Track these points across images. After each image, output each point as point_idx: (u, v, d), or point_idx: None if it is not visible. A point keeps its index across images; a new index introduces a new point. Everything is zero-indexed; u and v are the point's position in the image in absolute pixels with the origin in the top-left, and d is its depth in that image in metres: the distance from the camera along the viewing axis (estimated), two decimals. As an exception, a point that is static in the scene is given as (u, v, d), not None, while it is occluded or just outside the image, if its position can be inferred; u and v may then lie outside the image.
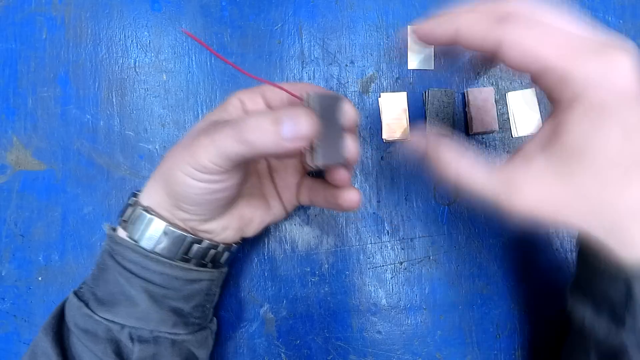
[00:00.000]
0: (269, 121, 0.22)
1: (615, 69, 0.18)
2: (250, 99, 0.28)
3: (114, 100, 0.37)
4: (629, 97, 0.18)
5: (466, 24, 0.21)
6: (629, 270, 0.21)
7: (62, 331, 0.28)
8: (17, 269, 0.36)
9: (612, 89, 0.18)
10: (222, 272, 0.31)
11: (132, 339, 0.27)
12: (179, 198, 0.26)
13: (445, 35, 0.22)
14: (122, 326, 0.27)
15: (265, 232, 0.34)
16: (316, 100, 0.23)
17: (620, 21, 0.37)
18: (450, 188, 0.23)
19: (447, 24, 0.22)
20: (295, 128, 0.22)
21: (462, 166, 0.23)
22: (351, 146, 0.25)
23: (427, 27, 0.23)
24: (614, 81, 0.18)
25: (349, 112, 0.25)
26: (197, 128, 0.27)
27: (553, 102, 0.20)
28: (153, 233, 0.27)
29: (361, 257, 0.36)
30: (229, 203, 0.28)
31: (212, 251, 0.29)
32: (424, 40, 0.24)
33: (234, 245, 0.30)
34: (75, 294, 0.29)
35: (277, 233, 0.36)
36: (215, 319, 0.33)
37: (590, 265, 0.25)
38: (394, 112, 0.36)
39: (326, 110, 0.24)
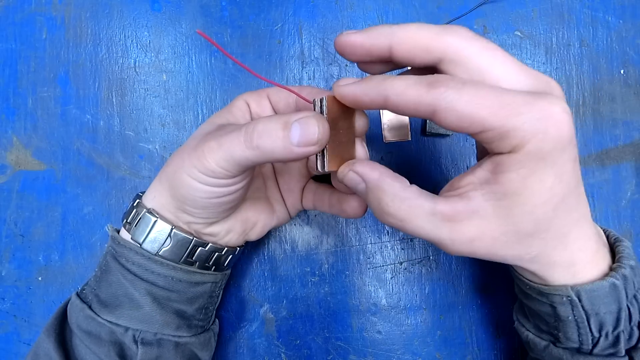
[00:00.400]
0: (278, 126, 0.22)
1: (549, 117, 0.19)
2: (256, 102, 0.28)
3: (114, 100, 0.37)
4: (563, 141, 0.19)
5: (396, 92, 0.20)
6: (550, 293, 0.23)
7: (65, 333, 0.28)
8: (17, 269, 0.36)
9: (546, 137, 0.19)
10: (225, 275, 0.31)
11: (135, 341, 0.27)
12: (184, 201, 0.25)
13: (375, 103, 0.21)
14: (126, 329, 0.27)
15: (265, 234, 0.34)
16: (327, 105, 0.23)
17: (620, 21, 0.37)
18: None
19: (375, 92, 0.21)
20: (305, 134, 0.21)
21: (403, 209, 0.22)
22: (361, 152, 0.25)
23: (353, 94, 0.22)
24: (548, 130, 0.19)
25: (360, 118, 0.25)
26: (203, 130, 0.27)
27: (491, 150, 0.21)
28: (157, 235, 0.26)
29: (361, 257, 0.36)
30: (234, 207, 0.28)
31: (216, 254, 0.29)
32: (348, 103, 0.23)
33: (237, 248, 0.30)
34: (78, 295, 0.28)
35: (277, 233, 0.36)
36: (217, 320, 0.33)
37: (522, 290, 0.26)
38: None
39: (337, 115, 0.23)
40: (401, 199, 0.22)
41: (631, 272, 0.23)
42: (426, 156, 0.37)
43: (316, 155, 0.23)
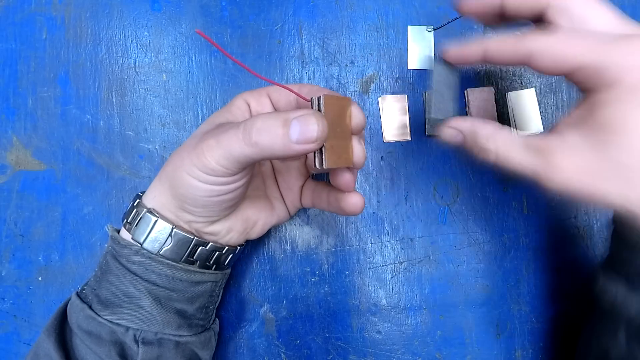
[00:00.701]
0: (278, 123, 0.22)
1: None
2: (256, 100, 0.28)
3: (114, 100, 0.37)
4: None
5: (494, 44, 0.24)
6: None
7: (65, 333, 0.28)
8: (17, 269, 0.36)
9: None
10: (225, 274, 0.31)
11: (136, 341, 0.27)
12: (184, 200, 0.25)
13: (474, 55, 0.25)
14: (127, 328, 0.27)
15: (265, 233, 0.34)
16: (325, 103, 0.23)
17: (620, 21, 0.37)
18: (495, 169, 0.24)
19: (476, 46, 0.25)
20: (305, 131, 0.21)
21: (500, 144, 0.24)
22: (358, 150, 0.25)
23: (456, 49, 0.26)
24: None
25: (357, 116, 0.25)
26: (202, 130, 0.27)
27: (586, 91, 0.22)
28: (158, 235, 0.26)
29: (361, 257, 0.36)
30: (234, 205, 0.28)
31: (217, 253, 0.29)
32: (453, 61, 0.26)
33: (238, 247, 0.30)
34: (78, 295, 0.28)
35: (277, 233, 0.36)
36: (217, 319, 0.33)
37: (625, 241, 0.25)
38: (394, 112, 0.36)
39: (335, 113, 0.23)
40: (496, 136, 0.24)
41: None
42: (426, 156, 0.37)
43: (314, 153, 0.23)
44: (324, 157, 0.23)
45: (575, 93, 0.37)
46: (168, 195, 0.26)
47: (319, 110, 0.23)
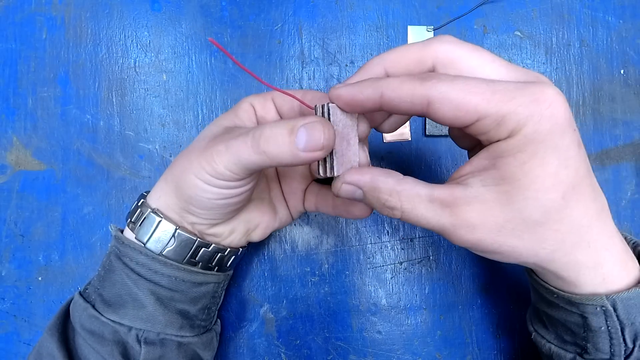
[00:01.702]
0: (285, 132, 0.22)
1: (544, 101, 0.19)
2: (261, 104, 0.28)
3: (114, 100, 0.37)
4: (561, 124, 0.19)
5: (391, 87, 0.21)
6: (581, 302, 0.22)
7: (68, 332, 0.28)
8: (17, 269, 0.36)
9: (542, 119, 0.19)
10: (227, 276, 0.31)
11: (139, 341, 0.27)
12: (190, 202, 0.25)
13: (370, 101, 0.22)
14: (129, 328, 0.27)
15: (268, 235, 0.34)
16: (331, 111, 0.23)
17: (620, 21, 0.37)
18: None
19: (371, 89, 0.21)
20: (311, 139, 0.21)
21: (403, 200, 0.22)
22: (362, 157, 0.25)
23: (349, 93, 0.22)
24: (544, 113, 0.19)
25: (361, 124, 0.25)
26: (210, 132, 0.27)
27: (487, 141, 0.21)
28: (161, 235, 0.27)
29: (361, 257, 0.36)
30: (239, 208, 0.28)
31: (219, 255, 0.29)
32: (348, 109, 0.23)
33: (240, 249, 0.30)
34: (81, 294, 0.29)
35: (277, 233, 0.36)
36: (219, 320, 0.33)
37: (543, 297, 0.25)
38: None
39: (340, 120, 0.23)
40: (398, 191, 0.22)
41: None
42: (426, 156, 0.37)
43: (319, 161, 0.23)
44: (328, 165, 0.23)
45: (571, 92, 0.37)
46: (173, 196, 0.26)
47: (328, 118, 0.23)
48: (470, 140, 0.26)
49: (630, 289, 0.21)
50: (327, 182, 0.31)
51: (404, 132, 0.36)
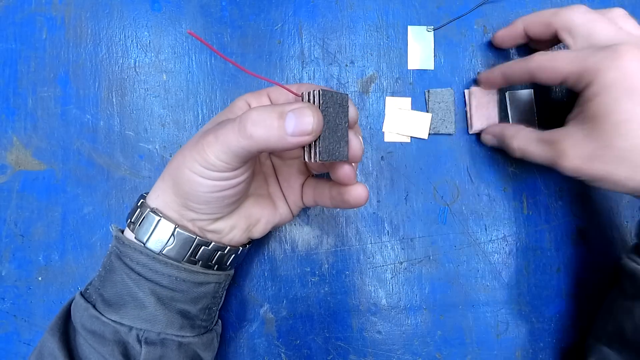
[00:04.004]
0: (273, 116, 0.22)
1: (613, 59, 0.26)
2: (256, 100, 0.29)
3: (114, 100, 0.37)
4: (627, 72, 0.25)
5: (507, 69, 0.33)
6: None
7: (69, 332, 0.28)
8: (17, 269, 0.36)
9: (611, 71, 0.26)
10: (228, 275, 0.31)
11: (139, 341, 0.27)
12: (187, 197, 0.26)
13: (498, 80, 0.34)
14: (130, 328, 0.27)
15: (267, 233, 0.34)
16: (319, 97, 0.23)
17: (620, 21, 0.37)
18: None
19: (497, 71, 0.34)
20: (300, 123, 0.22)
21: (520, 142, 0.32)
22: (354, 143, 0.25)
23: (485, 77, 0.35)
24: (611, 66, 0.26)
25: (350, 110, 0.25)
26: (204, 129, 0.27)
27: (578, 92, 0.28)
28: (161, 235, 0.27)
29: (361, 257, 0.36)
30: (237, 201, 0.28)
31: (219, 253, 0.29)
32: (486, 87, 0.36)
33: (240, 248, 0.30)
34: (82, 295, 0.29)
35: (277, 233, 0.36)
36: (220, 321, 0.33)
37: None
38: (396, 113, 0.36)
39: (329, 107, 0.24)
40: (517, 135, 0.32)
41: None
42: (426, 156, 0.37)
43: (306, 147, 0.24)
44: (314, 150, 0.23)
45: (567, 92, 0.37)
46: (171, 193, 0.27)
47: (318, 104, 0.23)
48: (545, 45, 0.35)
49: None
50: (325, 175, 0.31)
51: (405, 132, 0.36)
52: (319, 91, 0.23)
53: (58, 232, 0.36)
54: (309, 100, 0.24)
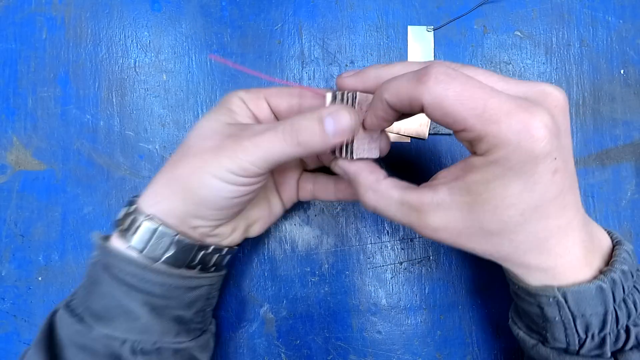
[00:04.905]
0: (314, 122, 0.24)
1: (525, 131, 0.19)
2: (254, 102, 0.28)
3: (114, 100, 0.37)
4: (537, 155, 0.20)
5: (390, 82, 0.22)
6: (537, 293, 0.24)
7: (55, 347, 0.26)
8: (17, 269, 0.36)
9: (517, 149, 0.20)
10: (220, 276, 0.31)
11: (134, 352, 0.26)
12: (202, 203, 0.25)
13: (370, 84, 0.25)
14: (124, 340, 0.26)
15: (265, 232, 0.34)
16: (352, 97, 0.25)
17: (620, 21, 0.37)
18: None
19: (373, 81, 0.25)
20: (339, 124, 0.24)
21: (379, 199, 0.25)
22: (384, 144, 0.26)
23: (353, 84, 0.25)
24: (521, 143, 0.19)
25: None
26: (210, 130, 0.26)
27: (468, 148, 0.22)
28: (160, 242, 0.25)
29: (361, 257, 0.36)
30: (246, 206, 0.28)
31: (217, 255, 0.29)
32: (350, 87, 0.26)
33: (235, 247, 0.30)
34: (67, 307, 0.27)
35: (277, 233, 0.36)
36: (214, 320, 0.33)
37: (513, 291, 0.27)
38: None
39: (362, 107, 0.25)
40: (374, 190, 0.25)
41: (622, 276, 0.23)
42: (426, 156, 0.37)
43: (341, 147, 0.25)
44: (351, 148, 0.25)
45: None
46: (177, 200, 0.25)
47: (351, 104, 0.25)
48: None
49: (581, 284, 0.23)
50: (324, 169, 0.31)
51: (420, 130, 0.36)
52: (352, 92, 0.25)
53: (58, 232, 0.36)
54: (341, 101, 0.25)
